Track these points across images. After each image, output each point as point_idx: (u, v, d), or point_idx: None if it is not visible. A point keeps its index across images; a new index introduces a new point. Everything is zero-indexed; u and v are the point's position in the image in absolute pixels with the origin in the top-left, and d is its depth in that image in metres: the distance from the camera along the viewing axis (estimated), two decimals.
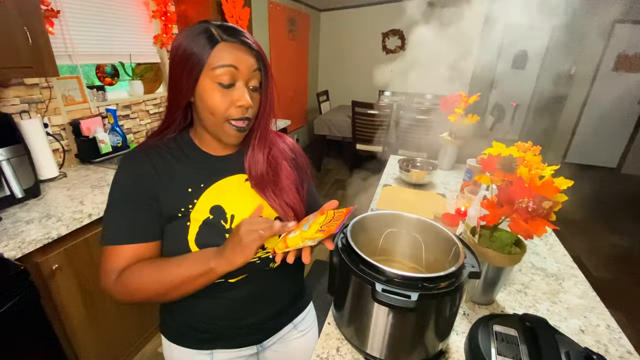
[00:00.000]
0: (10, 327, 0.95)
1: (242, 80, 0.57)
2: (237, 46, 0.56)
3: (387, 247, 0.77)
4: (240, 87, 0.57)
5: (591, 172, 4.49)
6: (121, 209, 0.60)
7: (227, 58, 0.55)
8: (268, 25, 3.54)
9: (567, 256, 1.00)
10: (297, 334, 0.82)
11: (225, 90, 0.57)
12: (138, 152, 0.63)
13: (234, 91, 0.57)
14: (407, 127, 3.37)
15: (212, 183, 0.63)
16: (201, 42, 0.55)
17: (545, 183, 0.62)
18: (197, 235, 0.60)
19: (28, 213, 1.17)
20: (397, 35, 4.70)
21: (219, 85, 0.56)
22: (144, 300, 0.58)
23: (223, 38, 0.55)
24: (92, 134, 1.68)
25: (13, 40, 1.11)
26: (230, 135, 0.60)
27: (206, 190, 0.62)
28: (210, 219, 0.61)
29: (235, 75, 0.56)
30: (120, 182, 0.61)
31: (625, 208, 3.52)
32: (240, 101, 0.57)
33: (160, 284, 0.56)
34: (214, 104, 0.57)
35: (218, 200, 0.63)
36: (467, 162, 1.44)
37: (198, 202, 0.61)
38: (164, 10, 2.05)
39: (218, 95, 0.56)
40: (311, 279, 2.17)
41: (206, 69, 0.56)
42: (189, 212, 0.60)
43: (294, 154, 0.76)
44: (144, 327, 1.58)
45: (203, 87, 0.57)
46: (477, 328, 0.61)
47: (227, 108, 0.57)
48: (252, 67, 0.57)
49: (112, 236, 0.59)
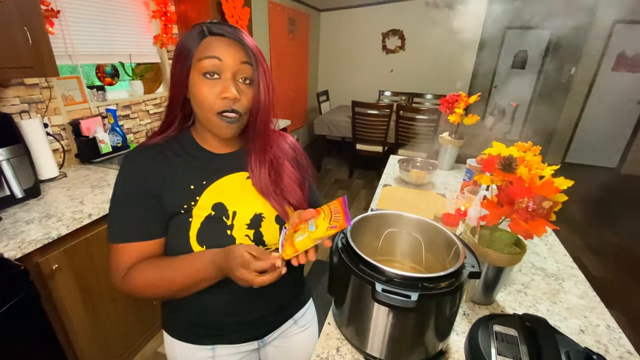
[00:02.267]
0: (10, 327, 0.95)
1: (228, 72, 0.58)
2: (223, 40, 0.57)
3: (387, 247, 0.77)
4: (225, 79, 0.58)
5: (591, 172, 4.49)
6: (125, 207, 0.61)
7: (212, 50, 0.57)
8: (268, 25, 3.54)
9: (567, 256, 1.00)
10: (298, 330, 0.83)
11: (211, 82, 0.57)
12: (140, 151, 0.63)
13: (220, 83, 0.58)
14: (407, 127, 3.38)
15: (214, 180, 0.64)
16: (192, 37, 0.58)
17: (545, 183, 0.62)
18: (199, 230, 0.61)
19: (28, 213, 1.17)
20: (397, 35, 4.70)
21: (204, 77, 0.57)
22: (152, 297, 0.60)
23: (211, 32, 0.58)
24: (92, 134, 1.68)
25: (13, 40, 1.11)
26: (221, 127, 0.60)
27: (208, 188, 0.63)
28: (212, 215, 0.62)
29: (220, 66, 0.57)
30: (123, 181, 0.62)
31: (625, 208, 3.51)
32: (224, 93, 0.57)
33: (163, 285, 0.59)
34: (201, 96, 0.58)
35: (220, 198, 0.63)
36: (467, 162, 1.44)
37: (200, 199, 0.62)
38: (164, 10, 2.05)
39: (205, 88, 0.57)
40: (311, 279, 2.17)
41: (194, 63, 0.57)
42: (191, 208, 0.61)
43: (295, 152, 0.77)
44: (144, 327, 1.58)
45: (192, 80, 0.58)
46: (477, 328, 0.61)
47: (213, 100, 0.58)
48: (239, 59, 0.58)
49: (117, 234, 0.60)
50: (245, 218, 0.64)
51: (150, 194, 0.60)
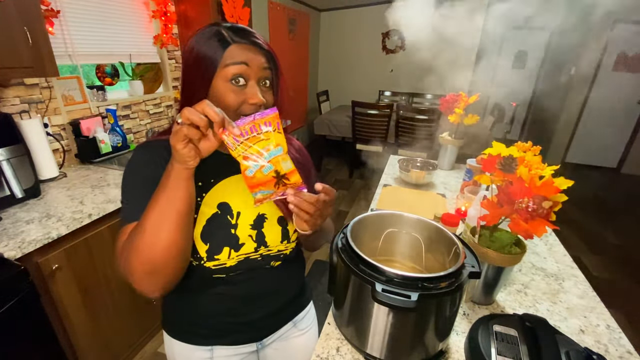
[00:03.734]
0: (10, 327, 0.95)
1: (254, 78, 0.58)
2: (247, 47, 0.58)
3: (387, 247, 0.77)
4: (252, 85, 0.58)
5: (591, 172, 4.49)
6: (138, 189, 0.59)
7: (238, 56, 0.57)
8: (268, 25, 3.54)
9: (567, 256, 1.00)
10: (297, 332, 0.83)
11: (238, 89, 0.58)
12: (153, 142, 0.64)
13: (247, 89, 0.58)
14: (407, 127, 3.38)
15: (220, 179, 0.65)
16: (213, 44, 0.57)
17: (545, 183, 0.62)
18: (204, 228, 0.61)
19: (28, 213, 1.17)
20: (397, 35, 4.70)
21: (231, 83, 0.57)
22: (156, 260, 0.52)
23: (234, 40, 0.57)
24: (92, 134, 1.68)
25: (13, 40, 1.11)
26: None
27: (215, 186, 0.64)
28: (218, 214, 0.63)
29: (247, 72, 0.57)
30: (135, 165, 0.62)
31: (625, 208, 3.51)
32: (253, 99, 0.58)
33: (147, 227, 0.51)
34: (228, 102, 0.57)
35: (225, 197, 0.64)
36: (467, 162, 1.44)
37: (207, 196, 0.63)
38: (164, 10, 2.05)
39: (231, 95, 0.57)
40: (311, 279, 2.17)
41: (219, 69, 0.57)
42: (198, 204, 0.61)
43: (301, 155, 0.78)
44: (144, 327, 1.58)
45: (217, 87, 0.58)
46: (477, 328, 0.61)
47: (240, 106, 0.58)
48: (262, 65, 0.59)
49: (128, 215, 0.57)
50: (249, 219, 0.65)
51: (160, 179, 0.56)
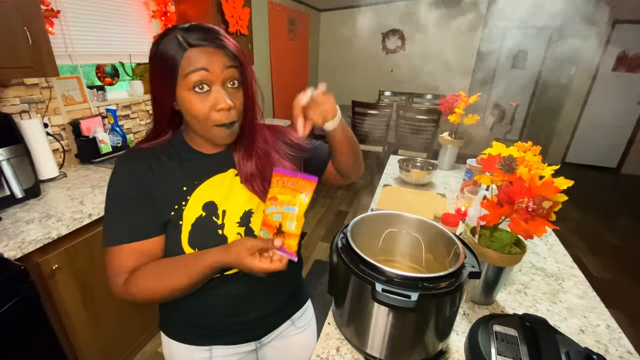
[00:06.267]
0: (10, 327, 0.95)
1: (218, 82, 0.56)
2: (205, 49, 0.54)
3: (387, 247, 0.77)
4: (217, 90, 0.56)
5: (591, 172, 4.49)
6: (120, 208, 0.60)
7: (195, 63, 0.54)
8: (268, 25, 3.54)
9: (567, 256, 1.00)
10: (296, 331, 0.83)
11: (203, 96, 0.56)
12: (133, 152, 0.63)
13: (211, 95, 0.56)
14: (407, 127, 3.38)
15: (204, 180, 0.64)
16: (170, 53, 0.54)
17: (545, 183, 0.62)
18: (190, 233, 0.60)
19: (28, 213, 1.17)
20: (397, 35, 4.70)
21: (195, 92, 0.55)
22: (153, 302, 0.59)
23: (191, 44, 0.54)
24: (92, 134, 1.68)
25: (13, 40, 1.11)
26: (221, 137, 0.60)
27: (199, 187, 0.63)
28: (203, 217, 0.62)
29: (208, 77, 0.55)
30: (116, 182, 0.61)
31: (625, 208, 3.51)
32: (219, 104, 0.56)
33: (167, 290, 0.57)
34: (195, 111, 0.56)
35: (210, 197, 0.63)
36: (467, 162, 1.44)
37: (190, 198, 0.62)
38: (164, 10, 2.05)
39: (197, 102, 0.56)
40: (311, 279, 2.17)
41: (180, 79, 0.55)
42: (182, 210, 0.61)
43: (276, 135, 0.74)
44: (144, 327, 1.58)
45: (182, 98, 0.56)
46: (477, 328, 0.61)
47: (208, 113, 0.57)
48: (224, 65, 0.56)
49: (114, 236, 0.59)
50: (235, 216, 0.64)
51: (145, 194, 0.60)
